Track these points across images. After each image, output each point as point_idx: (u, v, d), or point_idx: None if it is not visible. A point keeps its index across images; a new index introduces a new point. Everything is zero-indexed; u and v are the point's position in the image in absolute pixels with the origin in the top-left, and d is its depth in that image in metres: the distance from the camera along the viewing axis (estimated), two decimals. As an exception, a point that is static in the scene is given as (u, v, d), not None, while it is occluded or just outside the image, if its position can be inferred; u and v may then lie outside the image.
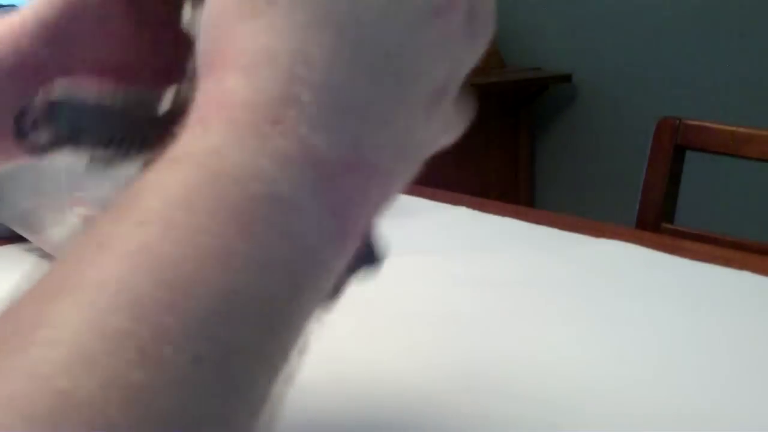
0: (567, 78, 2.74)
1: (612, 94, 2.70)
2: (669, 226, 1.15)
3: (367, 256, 0.37)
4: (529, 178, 2.88)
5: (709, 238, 1.05)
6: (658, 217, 1.16)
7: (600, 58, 2.70)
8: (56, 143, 0.33)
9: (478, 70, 0.33)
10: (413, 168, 0.31)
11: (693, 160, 1.20)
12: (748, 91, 2.40)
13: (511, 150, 2.82)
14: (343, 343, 0.63)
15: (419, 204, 0.98)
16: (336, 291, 0.36)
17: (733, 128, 1.16)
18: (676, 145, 1.18)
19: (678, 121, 1.18)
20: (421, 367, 0.59)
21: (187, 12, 0.33)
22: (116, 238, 0.24)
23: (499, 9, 0.33)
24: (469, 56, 0.32)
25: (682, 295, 0.73)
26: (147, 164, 0.26)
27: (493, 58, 2.75)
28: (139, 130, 0.32)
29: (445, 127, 0.33)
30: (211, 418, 0.22)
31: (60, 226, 0.75)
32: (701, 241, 0.96)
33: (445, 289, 0.74)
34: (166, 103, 0.33)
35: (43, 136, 0.33)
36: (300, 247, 0.25)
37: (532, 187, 2.91)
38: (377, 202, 0.29)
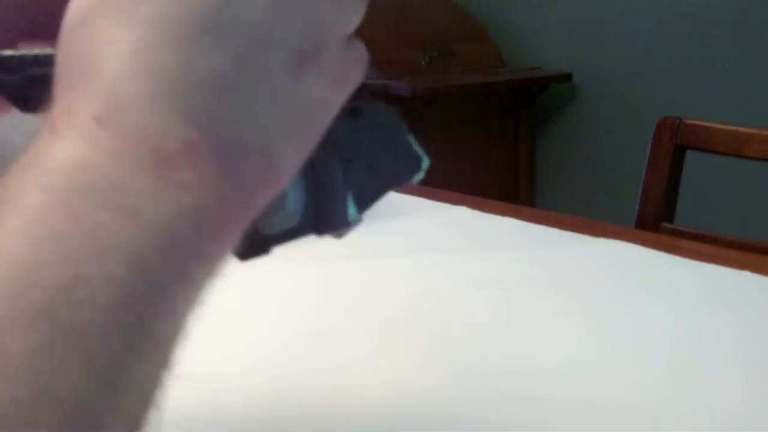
0: (567, 78, 2.74)
1: (612, 94, 2.70)
2: (669, 225, 1.15)
3: (413, 167, 0.38)
4: (529, 178, 2.88)
5: (709, 237, 1.05)
6: (657, 217, 1.16)
7: (600, 58, 2.70)
8: (11, 96, 0.34)
9: (478, 70, 0.32)
10: (301, 137, 0.31)
11: (693, 160, 1.20)
12: (748, 91, 2.40)
13: (511, 150, 2.82)
14: (343, 341, 0.63)
15: (419, 204, 0.98)
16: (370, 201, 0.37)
17: (734, 128, 1.16)
18: (676, 145, 1.18)
19: (678, 121, 1.18)
20: (420, 366, 0.59)
21: None
22: None
23: (499, 9, 0.32)
24: (341, 13, 0.31)
25: (682, 295, 0.73)
26: None
27: (493, 57, 2.74)
28: None
29: (334, 86, 0.32)
30: (69, 400, 0.22)
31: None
32: (701, 241, 0.96)
33: (445, 289, 0.74)
34: None
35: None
36: (145, 228, 0.25)
37: (532, 187, 2.91)
38: (258, 175, 0.29)
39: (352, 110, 0.36)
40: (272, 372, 0.59)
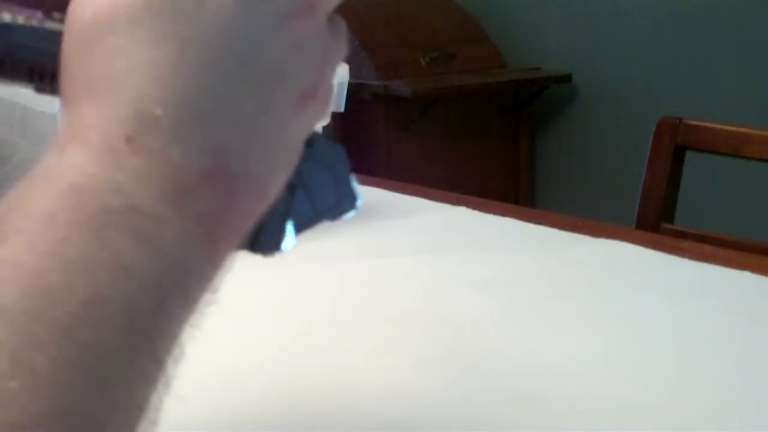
0: (567, 78, 2.74)
1: (612, 94, 2.70)
2: (669, 226, 1.15)
3: (348, 204, 0.39)
4: (529, 178, 2.88)
5: (709, 238, 1.05)
6: (658, 217, 1.16)
7: (600, 58, 2.70)
8: None
9: (478, 71, 0.32)
10: (287, 168, 0.32)
11: (693, 160, 1.20)
12: (748, 91, 2.40)
13: (511, 150, 2.82)
14: (342, 341, 0.63)
15: (419, 204, 0.98)
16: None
17: (733, 128, 1.16)
18: (676, 145, 1.18)
19: (678, 121, 1.18)
20: (420, 367, 0.59)
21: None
22: None
23: (499, 9, 0.32)
24: (335, 55, 0.32)
25: (682, 295, 0.73)
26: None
27: (493, 58, 2.74)
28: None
29: (314, 121, 0.33)
30: (85, 418, 0.23)
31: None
32: (701, 241, 0.96)
33: (445, 289, 0.74)
34: None
35: None
36: (162, 255, 0.26)
37: (532, 187, 2.91)
38: (253, 205, 0.30)
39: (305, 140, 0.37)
40: (271, 371, 0.59)
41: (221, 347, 0.61)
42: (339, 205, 0.40)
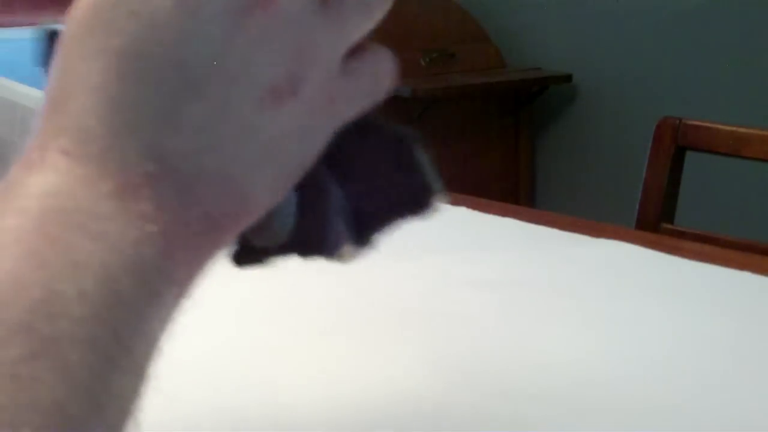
0: (567, 78, 2.74)
1: (612, 94, 2.70)
2: (669, 226, 1.15)
3: (422, 200, 0.35)
4: (529, 178, 2.88)
5: (709, 238, 1.05)
6: (658, 217, 1.16)
7: (600, 58, 2.70)
8: None
9: (478, 71, 0.31)
10: (282, 164, 0.31)
11: (693, 160, 1.20)
12: (748, 91, 2.40)
13: (511, 150, 2.82)
14: (342, 341, 0.63)
15: (419, 204, 0.98)
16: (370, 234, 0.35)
17: (733, 128, 1.16)
18: (676, 145, 1.18)
19: (678, 121, 1.18)
20: (419, 367, 0.59)
21: None
22: None
23: (499, 10, 0.32)
24: (332, 35, 0.31)
25: (682, 296, 0.73)
26: None
27: (493, 58, 2.74)
28: None
29: (324, 111, 0.31)
30: (53, 409, 0.23)
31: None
32: (701, 241, 0.97)
33: (445, 289, 0.74)
34: None
35: None
36: (113, 250, 0.27)
37: (532, 187, 2.91)
38: (222, 201, 0.29)
39: (361, 127, 0.33)
40: (269, 371, 0.59)
41: (219, 347, 0.61)
42: (409, 202, 0.35)
